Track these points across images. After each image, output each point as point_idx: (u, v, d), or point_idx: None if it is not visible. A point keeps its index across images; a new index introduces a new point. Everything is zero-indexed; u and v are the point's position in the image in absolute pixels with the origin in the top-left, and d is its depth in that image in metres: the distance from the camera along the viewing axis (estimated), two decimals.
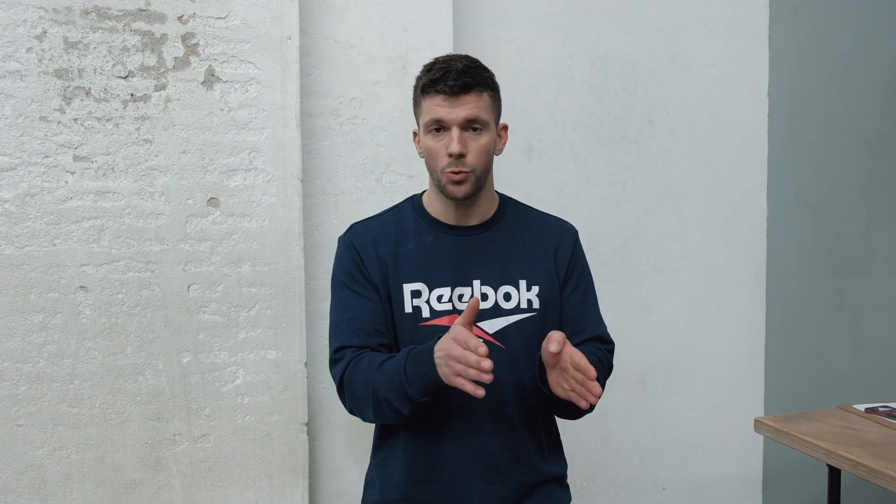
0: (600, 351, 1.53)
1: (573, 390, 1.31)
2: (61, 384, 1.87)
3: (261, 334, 1.98)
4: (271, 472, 2.00)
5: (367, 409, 1.43)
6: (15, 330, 1.84)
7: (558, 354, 1.29)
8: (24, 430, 1.85)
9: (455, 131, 1.39)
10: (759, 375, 2.66)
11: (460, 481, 1.48)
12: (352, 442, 2.13)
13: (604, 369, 1.50)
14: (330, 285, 1.53)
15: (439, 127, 1.41)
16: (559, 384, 1.33)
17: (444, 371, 1.25)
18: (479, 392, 1.22)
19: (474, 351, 1.20)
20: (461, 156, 1.40)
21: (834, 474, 1.66)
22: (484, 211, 1.52)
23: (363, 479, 2.14)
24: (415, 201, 1.56)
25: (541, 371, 1.40)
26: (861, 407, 1.84)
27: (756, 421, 1.74)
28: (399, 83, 2.11)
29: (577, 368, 1.29)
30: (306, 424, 2.02)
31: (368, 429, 2.14)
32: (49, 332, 1.85)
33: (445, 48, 2.12)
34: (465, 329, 1.25)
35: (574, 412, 1.44)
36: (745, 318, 2.63)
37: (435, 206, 1.52)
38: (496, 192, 1.57)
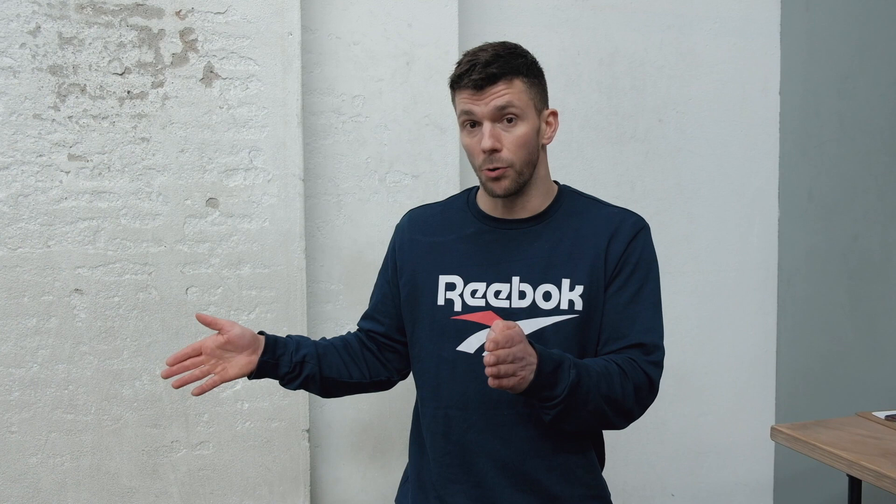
0: (629, 361, 1.32)
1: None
2: (55, 390, 1.81)
3: None
4: (272, 480, 1.95)
5: None
6: (8, 334, 1.78)
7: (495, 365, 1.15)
8: (17, 437, 1.80)
9: (486, 126, 1.32)
10: (770, 380, 2.60)
11: (489, 486, 1.39)
12: (354, 449, 2.08)
13: (611, 380, 1.28)
14: None
15: (472, 122, 1.35)
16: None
17: None
18: None
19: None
20: (494, 151, 1.33)
21: (854, 484, 1.60)
22: (536, 204, 1.42)
23: (365, 487, 2.10)
24: (471, 193, 1.50)
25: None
26: (881, 414, 1.78)
27: (772, 429, 1.68)
28: (403, 80, 2.06)
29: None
30: (307, 431, 1.96)
31: (371, 435, 2.09)
32: (43, 336, 1.80)
33: (450, 44, 2.07)
34: None
35: (595, 422, 1.33)
36: (756, 322, 2.58)
37: (484, 199, 1.45)
38: (556, 182, 1.47)
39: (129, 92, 1.82)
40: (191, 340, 1.88)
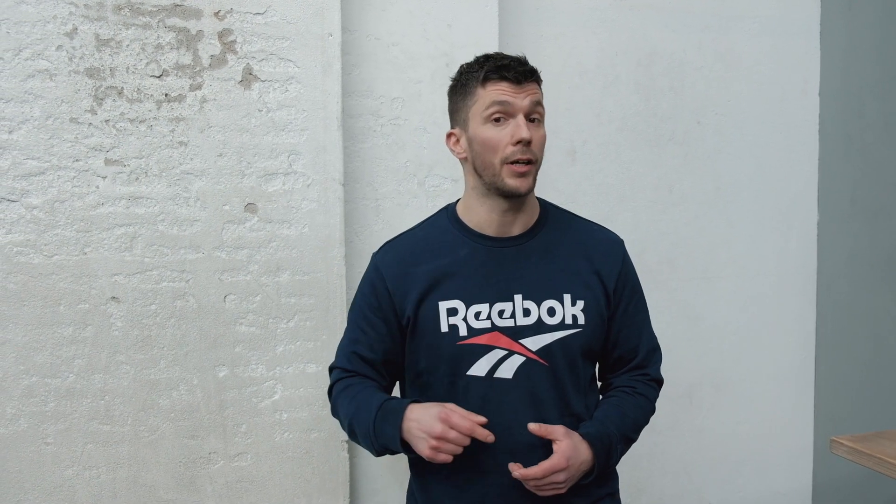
0: (647, 384, 1.52)
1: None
2: (92, 400, 1.77)
3: (300, 347, 1.88)
4: (310, 492, 1.90)
5: (348, 435, 1.48)
6: (43, 343, 1.74)
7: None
8: (52, 448, 1.76)
9: (521, 118, 1.35)
10: (809, 388, 2.55)
11: (506, 502, 1.42)
12: (393, 460, 2.03)
13: (640, 413, 1.49)
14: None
15: (499, 116, 1.35)
16: None
17: (422, 447, 1.30)
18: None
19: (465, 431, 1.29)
20: (529, 143, 1.35)
21: None
22: (527, 218, 1.44)
23: (404, 499, 2.05)
24: (450, 212, 1.48)
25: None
26: None
27: (832, 441, 1.64)
28: (442, 82, 2.01)
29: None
30: (347, 442, 1.92)
31: None
32: (79, 345, 1.76)
33: (490, 45, 2.02)
34: (458, 413, 1.30)
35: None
36: (795, 328, 2.53)
37: (475, 215, 1.43)
38: (536, 197, 1.49)
39: (166, 95, 1.77)
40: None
